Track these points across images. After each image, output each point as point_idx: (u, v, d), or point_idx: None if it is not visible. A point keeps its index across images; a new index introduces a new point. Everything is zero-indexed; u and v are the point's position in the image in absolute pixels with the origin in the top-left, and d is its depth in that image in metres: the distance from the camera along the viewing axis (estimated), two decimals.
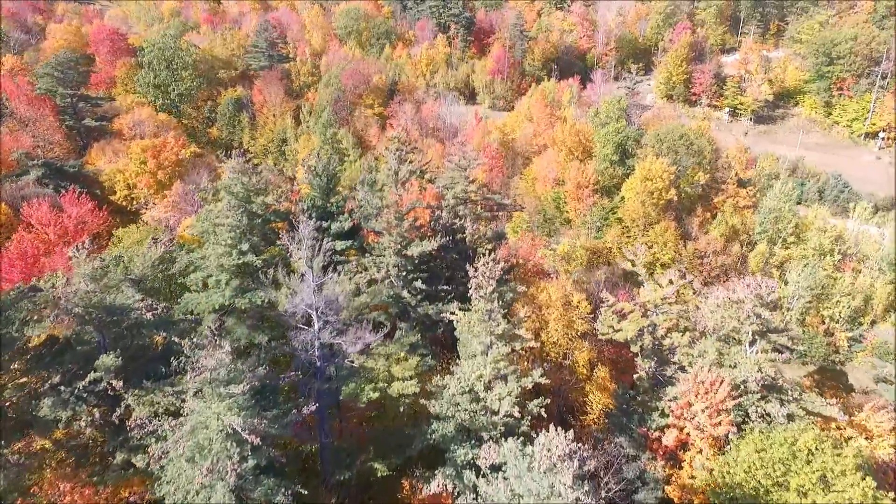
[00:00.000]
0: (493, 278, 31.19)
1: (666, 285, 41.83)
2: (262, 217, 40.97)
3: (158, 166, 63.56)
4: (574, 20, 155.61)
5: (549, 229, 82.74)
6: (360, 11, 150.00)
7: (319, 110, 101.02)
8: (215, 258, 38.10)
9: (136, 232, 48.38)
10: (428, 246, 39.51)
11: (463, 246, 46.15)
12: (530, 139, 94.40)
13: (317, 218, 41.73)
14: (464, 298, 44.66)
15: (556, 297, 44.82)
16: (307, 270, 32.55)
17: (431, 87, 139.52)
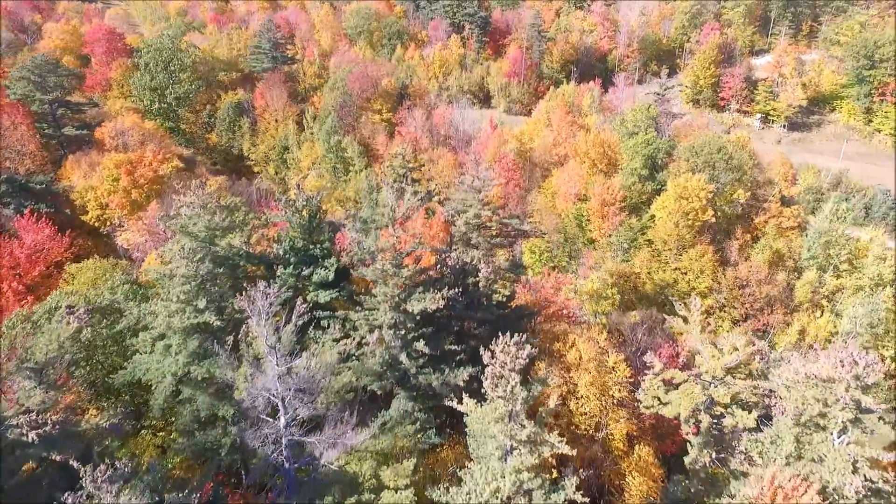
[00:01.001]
0: (517, 370, 22.68)
1: (729, 351, 33.00)
2: (231, 262, 32.69)
3: (133, 184, 55.73)
4: (594, 20, 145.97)
5: (569, 249, 73.92)
6: (372, 11, 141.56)
7: (324, 116, 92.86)
8: (165, 316, 29.86)
9: (92, 267, 40.37)
10: (432, 304, 30.92)
11: (476, 291, 37.59)
12: (550, 149, 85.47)
13: (296, 263, 33.40)
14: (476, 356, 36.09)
15: (588, 357, 36.15)
16: (269, 352, 24.17)
17: (444, 90, 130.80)
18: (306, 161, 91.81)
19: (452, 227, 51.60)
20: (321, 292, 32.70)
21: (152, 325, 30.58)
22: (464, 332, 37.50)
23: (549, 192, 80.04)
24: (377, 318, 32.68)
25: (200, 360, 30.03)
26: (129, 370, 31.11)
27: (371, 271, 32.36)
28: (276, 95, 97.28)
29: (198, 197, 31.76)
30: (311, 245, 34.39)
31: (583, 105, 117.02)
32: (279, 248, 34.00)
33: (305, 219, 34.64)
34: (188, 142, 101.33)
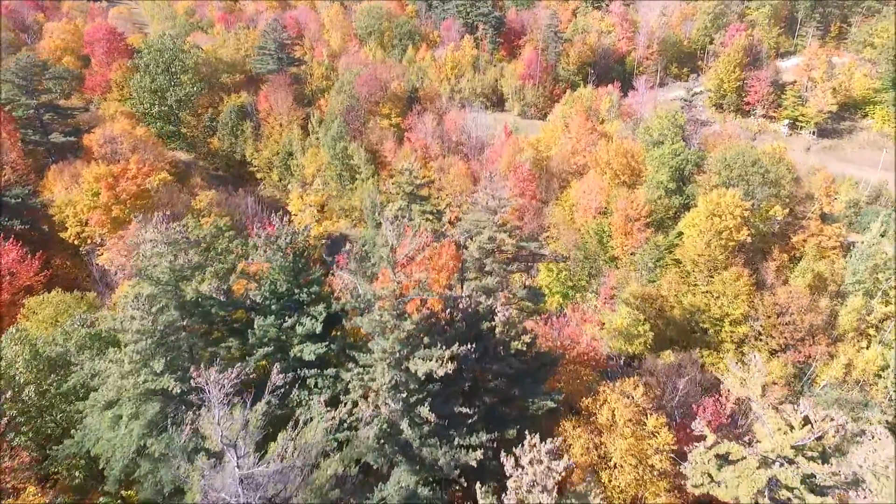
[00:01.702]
0: (550, 489, 16.84)
1: (799, 425, 26.92)
2: (203, 308, 27.11)
3: (115, 199, 50.40)
4: (613, 20, 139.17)
5: (590, 268, 67.79)
6: (383, 10, 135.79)
7: (329, 121, 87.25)
8: (116, 378, 24.32)
9: (53, 302, 34.98)
10: (440, 368, 25.05)
11: (491, 339, 31.74)
12: (568, 158, 79.34)
13: (278, 311, 27.72)
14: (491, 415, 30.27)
15: (624, 419, 30.21)
16: (227, 451, 18.50)
17: (456, 93, 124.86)
18: (311, 168, 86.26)
19: (464, 251, 45.79)
20: (307, 346, 27.07)
21: (103, 387, 25.09)
22: (477, 385, 31.68)
23: (568, 205, 73.99)
24: (374, 377, 26.94)
25: (159, 433, 24.46)
26: (76, 439, 25.65)
27: (367, 322, 26.60)
28: (281, 99, 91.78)
29: (161, 232, 26.05)
30: (296, 289, 28.72)
31: (601, 109, 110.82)
32: (257, 295, 28.29)
33: (289, 259, 28.90)
34: (189, 146, 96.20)
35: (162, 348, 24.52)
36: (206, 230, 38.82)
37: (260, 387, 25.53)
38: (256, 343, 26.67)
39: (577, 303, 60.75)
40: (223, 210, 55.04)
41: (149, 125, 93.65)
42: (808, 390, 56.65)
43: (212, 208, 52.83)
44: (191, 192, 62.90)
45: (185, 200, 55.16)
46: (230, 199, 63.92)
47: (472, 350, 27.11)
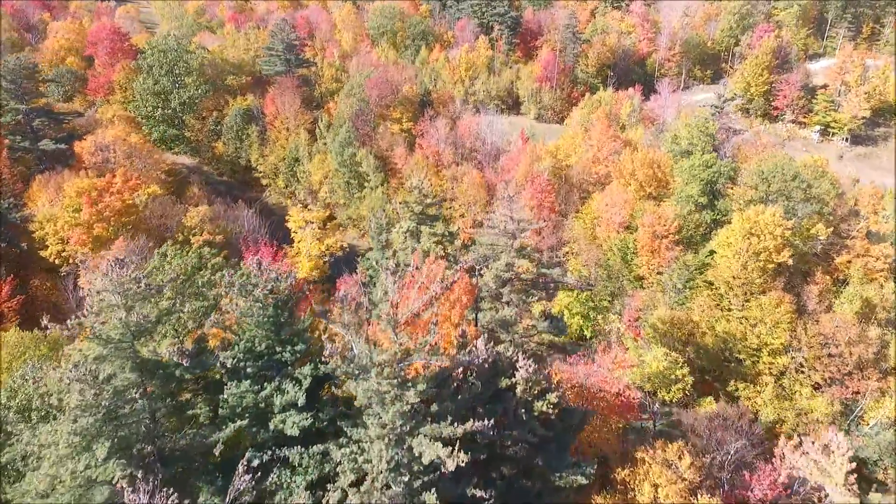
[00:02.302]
0: None
1: None
2: (165, 370, 22.21)
3: (97, 216, 45.83)
4: (633, 21, 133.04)
5: (612, 288, 62.34)
6: (396, 10, 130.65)
7: (338, 125, 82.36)
8: (51, 462, 19.46)
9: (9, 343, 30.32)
10: (449, 458, 19.90)
11: (511, 399, 26.59)
12: (589, 167, 73.82)
13: (255, 376, 22.78)
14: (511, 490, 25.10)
15: (669, 499, 24.93)
16: None
17: (470, 96, 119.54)
18: (317, 175, 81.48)
19: (478, 277, 40.65)
20: (290, 416, 22.10)
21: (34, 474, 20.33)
22: (494, 454, 26.53)
23: (589, 219, 68.52)
24: (369, 458, 21.89)
25: None
26: None
27: (363, 392, 21.54)
28: (288, 102, 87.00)
29: (113, 280, 21.11)
30: (277, 347, 23.75)
31: (621, 114, 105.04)
32: (227, 358, 23.20)
33: (269, 312, 23.84)
34: (193, 150, 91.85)
35: (110, 426, 19.69)
36: (186, 259, 33.99)
37: (230, 466, 20.65)
38: (228, 415, 21.83)
39: (605, 341, 55.20)
40: (217, 227, 50.11)
41: (151, 129, 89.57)
42: (855, 429, 50.94)
43: (204, 225, 48.20)
44: (188, 204, 58.31)
45: (179, 214, 50.54)
46: (229, 212, 59.26)
47: (491, 426, 21.92)
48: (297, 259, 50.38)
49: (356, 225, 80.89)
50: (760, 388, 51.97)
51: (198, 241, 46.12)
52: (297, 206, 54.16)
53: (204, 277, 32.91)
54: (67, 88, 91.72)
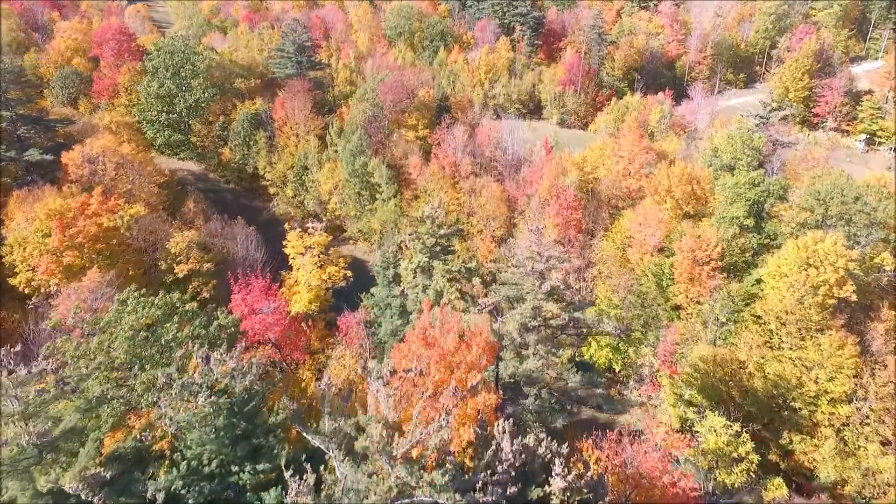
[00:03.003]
0: None
1: None
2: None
3: (68, 242, 40.21)
4: (662, 21, 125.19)
5: (646, 317, 55.56)
6: (414, 10, 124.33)
7: (350, 132, 76.36)
8: None
9: None
10: None
11: None
12: (619, 180, 66.97)
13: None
14: None
15: None
16: None
17: (490, 99, 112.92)
18: (327, 184, 75.66)
19: (499, 321, 34.31)
20: None
21: None
22: None
23: (619, 239, 61.74)
24: None
25: None
26: None
27: None
28: (298, 106, 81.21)
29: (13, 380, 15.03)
30: (233, 467, 17.54)
31: (650, 120, 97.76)
32: (159, 489, 16.85)
33: (221, 419, 17.50)
34: (199, 156, 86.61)
35: None
36: (150, 310, 27.90)
37: None
38: None
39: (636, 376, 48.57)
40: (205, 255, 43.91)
41: (156, 133, 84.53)
42: None
43: (190, 252, 42.37)
44: (182, 221, 52.71)
45: (169, 236, 44.67)
46: (227, 230, 53.44)
47: None
48: (295, 289, 44.43)
49: (367, 238, 75.01)
50: (819, 441, 45.00)
51: (182, 270, 40.33)
52: (295, 230, 47.83)
53: (168, 333, 26.95)
54: (72, 91, 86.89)
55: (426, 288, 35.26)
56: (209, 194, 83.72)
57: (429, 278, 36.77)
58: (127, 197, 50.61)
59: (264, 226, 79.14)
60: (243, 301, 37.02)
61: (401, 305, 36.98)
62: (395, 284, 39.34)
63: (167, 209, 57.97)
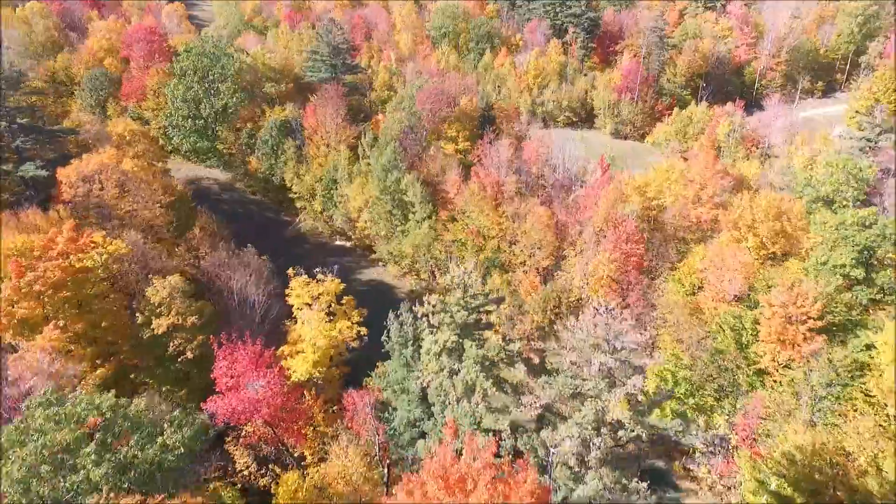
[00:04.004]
0: None
1: None
2: None
3: (25, 290, 32.81)
4: (730, 23, 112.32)
5: (721, 382, 45.23)
6: (460, 10, 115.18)
7: (384, 144, 68.02)
8: None
9: None
10: None
11: None
12: (688, 209, 56.47)
13: None
14: None
15: None
16: None
17: (538, 106, 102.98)
18: (357, 200, 67.66)
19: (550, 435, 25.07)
20: None
21: None
22: None
23: (689, 281, 51.41)
24: None
25: None
26: None
27: None
28: (331, 114, 73.36)
29: None
30: None
31: (717, 134, 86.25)
32: None
33: None
34: (226, 164, 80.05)
35: None
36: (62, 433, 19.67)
37: None
38: None
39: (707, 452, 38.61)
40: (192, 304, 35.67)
41: (182, 140, 78.29)
42: None
43: (173, 302, 34.54)
44: (188, 247, 45.21)
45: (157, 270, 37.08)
46: (232, 260, 45.53)
47: None
48: (299, 345, 36.07)
49: (397, 262, 66.69)
50: None
51: (160, 326, 32.66)
52: (299, 276, 39.10)
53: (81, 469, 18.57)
54: (100, 93, 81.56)
55: (454, 373, 26.57)
56: (234, 206, 77.11)
57: (458, 360, 28.01)
58: (126, 220, 43.62)
59: (289, 243, 71.85)
60: (228, 371, 29.13)
61: (421, 391, 28.49)
62: (412, 365, 30.55)
63: (176, 230, 50.89)
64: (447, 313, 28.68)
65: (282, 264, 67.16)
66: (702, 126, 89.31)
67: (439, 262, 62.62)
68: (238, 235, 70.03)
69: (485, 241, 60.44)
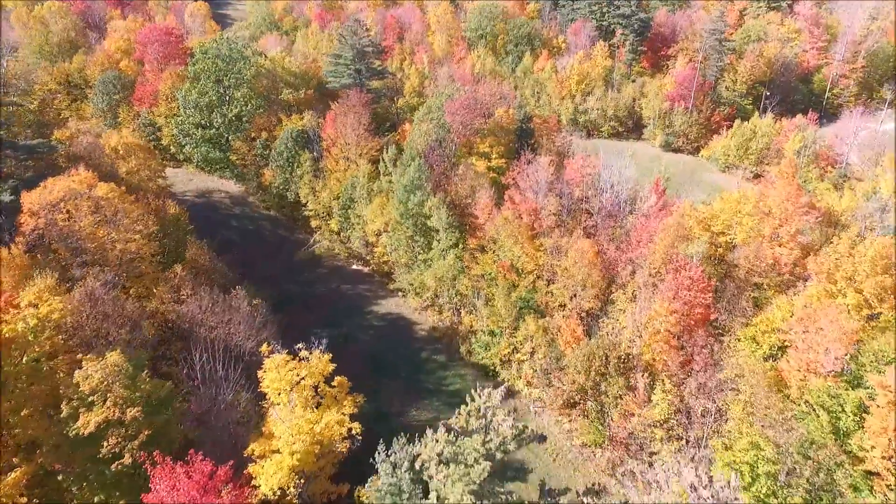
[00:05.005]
0: None
1: None
2: None
3: None
4: (797, 25, 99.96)
5: (816, 481, 35.16)
6: (499, 9, 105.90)
7: (407, 159, 59.63)
8: None
9: None
10: None
11: None
12: (763, 248, 46.18)
13: None
14: None
15: None
16: None
17: (581, 114, 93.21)
18: (376, 223, 59.57)
19: None
20: None
21: None
22: None
23: (766, 341, 41.36)
24: None
25: None
26: None
27: None
28: (352, 124, 65.34)
29: None
30: None
31: (785, 150, 75.08)
32: None
33: None
34: (239, 177, 73.04)
35: None
36: None
37: None
38: None
39: None
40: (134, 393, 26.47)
41: (193, 149, 71.66)
42: None
43: (109, 389, 26.48)
44: (169, 287, 37.72)
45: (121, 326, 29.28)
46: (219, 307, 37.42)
47: None
48: (274, 443, 27.26)
49: (419, 293, 58.32)
50: None
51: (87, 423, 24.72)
52: (277, 354, 30.35)
53: None
54: (112, 97, 75.57)
55: None
56: (244, 222, 70.05)
57: None
58: (99, 255, 36.37)
59: (302, 266, 64.34)
60: (168, 499, 21.05)
61: None
62: None
63: (164, 261, 43.61)
64: (460, 464, 20.02)
65: (291, 292, 60.02)
66: (767, 141, 78.14)
67: (465, 298, 53.95)
68: (245, 256, 62.94)
69: (518, 277, 51.43)
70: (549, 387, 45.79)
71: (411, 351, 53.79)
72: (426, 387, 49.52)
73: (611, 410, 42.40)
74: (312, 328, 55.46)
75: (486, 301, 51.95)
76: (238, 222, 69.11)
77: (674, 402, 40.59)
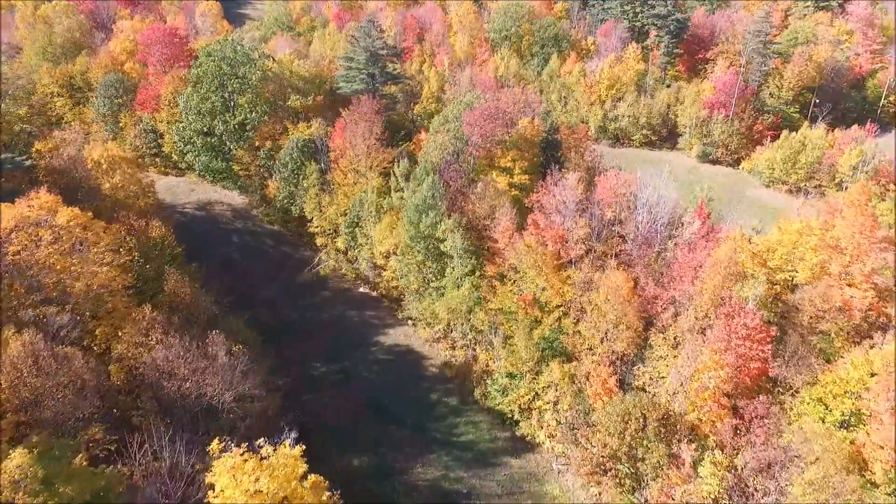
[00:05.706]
0: None
1: None
2: None
3: None
4: (849, 26, 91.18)
5: None
6: (525, 9, 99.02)
7: (421, 175, 53.50)
8: None
9: None
10: None
11: None
12: (830, 291, 38.92)
13: None
14: None
15: None
16: None
17: (611, 122, 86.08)
18: (384, 244, 53.62)
19: None
20: None
21: None
22: None
23: (839, 409, 34.23)
24: None
25: None
26: None
27: None
28: (362, 133, 59.41)
29: None
30: None
31: (839, 165, 67.25)
32: None
33: None
34: (242, 188, 67.83)
35: None
36: None
37: None
38: None
39: None
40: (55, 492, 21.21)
41: (194, 159, 66.63)
42: None
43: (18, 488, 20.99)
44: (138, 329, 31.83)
45: None
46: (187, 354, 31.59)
47: None
48: None
49: (430, 324, 52.23)
50: None
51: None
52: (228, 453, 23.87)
53: None
54: (114, 101, 70.98)
55: None
56: (245, 237, 64.80)
57: None
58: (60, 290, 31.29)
59: (305, 288, 58.75)
60: None
61: None
62: None
63: (140, 293, 38.37)
64: None
65: (290, 319, 54.28)
66: (818, 154, 70.20)
67: (481, 334, 47.71)
68: (243, 276, 57.67)
69: (542, 313, 44.93)
70: (575, 445, 39.31)
71: (419, 392, 47.72)
72: (435, 436, 43.44)
73: (649, 481, 35.75)
74: (311, 362, 50.18)
75: (504, 339, 45.65)
76: (239, 237, 63.91)
77: (726, 478, 33.76)
